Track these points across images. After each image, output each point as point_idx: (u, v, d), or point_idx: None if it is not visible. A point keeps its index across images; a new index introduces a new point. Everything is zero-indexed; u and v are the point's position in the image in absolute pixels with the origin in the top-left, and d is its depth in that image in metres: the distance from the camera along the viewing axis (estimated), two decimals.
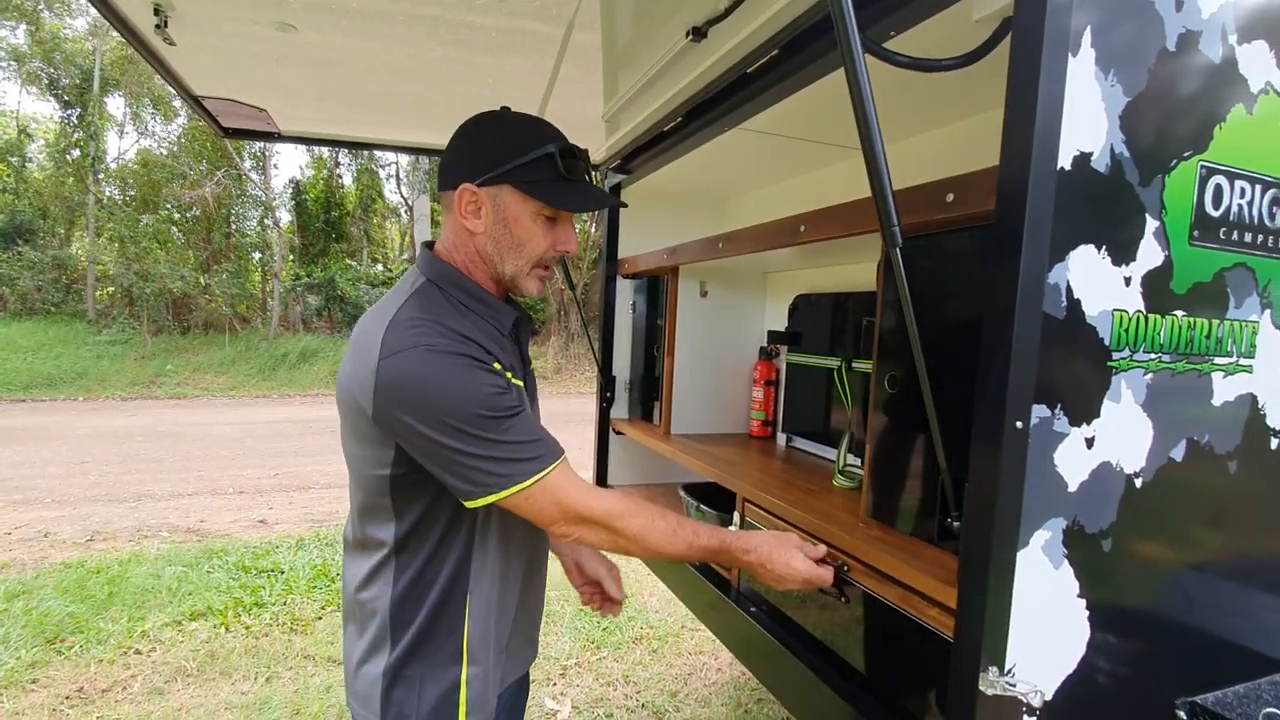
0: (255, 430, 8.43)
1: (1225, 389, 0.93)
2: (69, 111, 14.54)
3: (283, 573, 3.93)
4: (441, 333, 0.97)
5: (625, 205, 1.17)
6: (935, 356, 0.92)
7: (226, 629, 3.27)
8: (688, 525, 1.10)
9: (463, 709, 1.08)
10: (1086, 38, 0.77)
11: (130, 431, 8.02)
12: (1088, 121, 0.79)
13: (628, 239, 2.39)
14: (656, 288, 2.35)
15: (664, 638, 3.36)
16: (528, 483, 0.98)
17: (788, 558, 1.13)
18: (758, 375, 2.22)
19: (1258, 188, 0.93)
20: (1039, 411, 0.79)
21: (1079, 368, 0.82)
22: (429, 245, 1.11)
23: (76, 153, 14.48)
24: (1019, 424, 0.78)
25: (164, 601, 3.52)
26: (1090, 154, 0.79)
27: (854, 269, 1.92)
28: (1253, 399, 0.96)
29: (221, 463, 6.68)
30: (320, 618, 3.45)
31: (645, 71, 1.46)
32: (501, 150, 1.02)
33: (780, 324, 2.19)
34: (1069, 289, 0.80)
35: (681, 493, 1.88)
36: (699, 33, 1.22)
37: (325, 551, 4.32)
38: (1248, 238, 0.93)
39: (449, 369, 0.95)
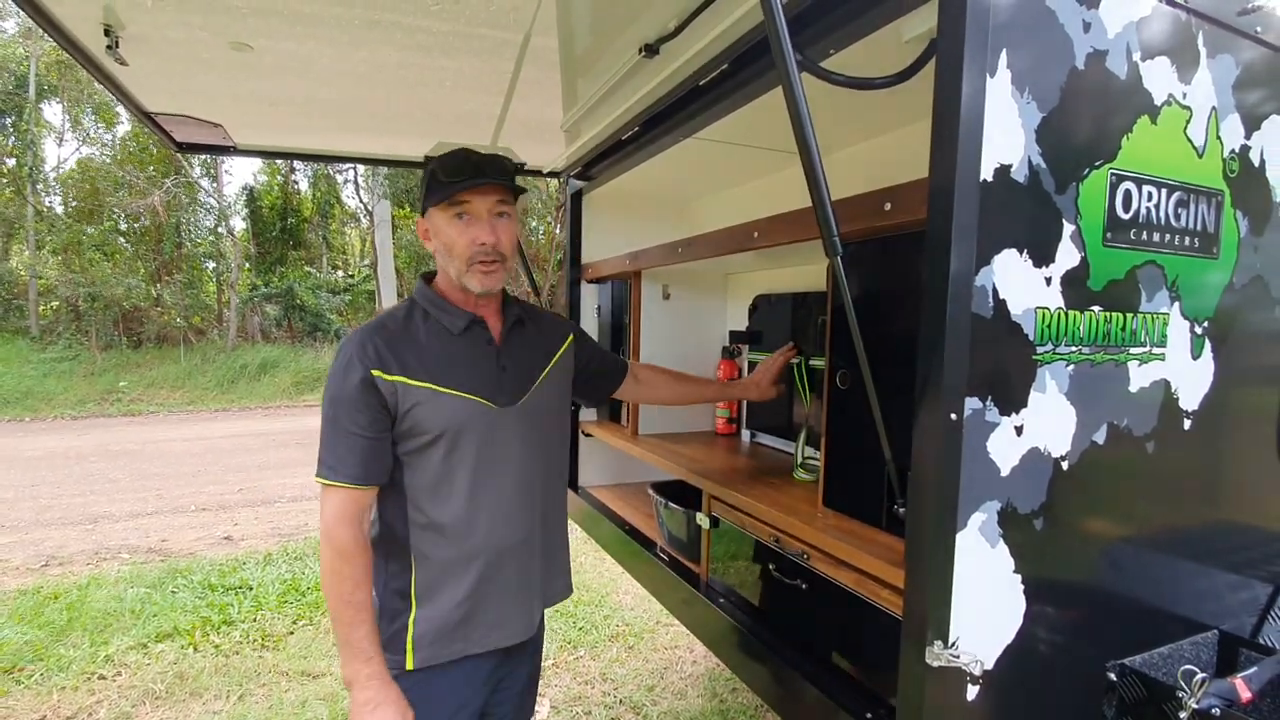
0: (216, 445, 8.21)
1: (1140, 376, 1.02)
2: (1, 119, 13.87)
3: (251, 589, 3.86)
4: (365, 334, 1.21)
5: (522, 165, 1.39)
6: (879, 354, 0.99)
7: (195, 649, 3.21)
8: (365, 612, 1.19)
9: (409, 644, 1.24)
10: (1003, 59, 0.84)
11: (82, 451, 7.73)
12: (1006, 136, 0.86)
13: (591, 243, 2.43)
14: (620, 291, 2.39)
15: (639, 634, 3.41)
16: (321, 481, 1.19)
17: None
18: (721, 374, 2.28)
19: (1163, 191, 1.01)
20: (972, 404, 0.86)
21: (1007, 362, 0.89)
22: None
23: (12, 162, 13.83)
24: (954, 415, 0.85)
25: (127, 624, 3.43)
26: (1010, 165, 0.86)
27: (810, 270, 1.99)
28: (1166, 384, 1.05)
29: (182, 480, 6.50)
30: (292, 632, 3.40)
31: (601, 85, 1.50)
32: (423, 183, 1.28)
33: (741, 324, 2.26)
34: (995, 290, 0.87)
35: (650, 491, 1.93)
36: (651, 49, 1.27)
37: (295, 566, 4.25)
38: (1156, 237, 1.01)
39: (339, 359, 1.20)
